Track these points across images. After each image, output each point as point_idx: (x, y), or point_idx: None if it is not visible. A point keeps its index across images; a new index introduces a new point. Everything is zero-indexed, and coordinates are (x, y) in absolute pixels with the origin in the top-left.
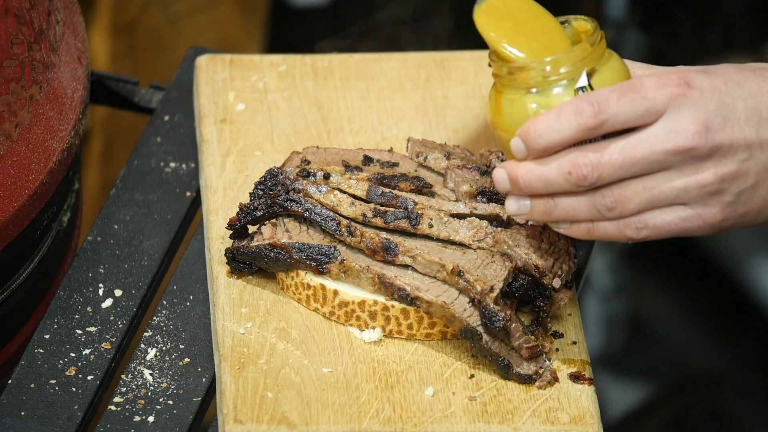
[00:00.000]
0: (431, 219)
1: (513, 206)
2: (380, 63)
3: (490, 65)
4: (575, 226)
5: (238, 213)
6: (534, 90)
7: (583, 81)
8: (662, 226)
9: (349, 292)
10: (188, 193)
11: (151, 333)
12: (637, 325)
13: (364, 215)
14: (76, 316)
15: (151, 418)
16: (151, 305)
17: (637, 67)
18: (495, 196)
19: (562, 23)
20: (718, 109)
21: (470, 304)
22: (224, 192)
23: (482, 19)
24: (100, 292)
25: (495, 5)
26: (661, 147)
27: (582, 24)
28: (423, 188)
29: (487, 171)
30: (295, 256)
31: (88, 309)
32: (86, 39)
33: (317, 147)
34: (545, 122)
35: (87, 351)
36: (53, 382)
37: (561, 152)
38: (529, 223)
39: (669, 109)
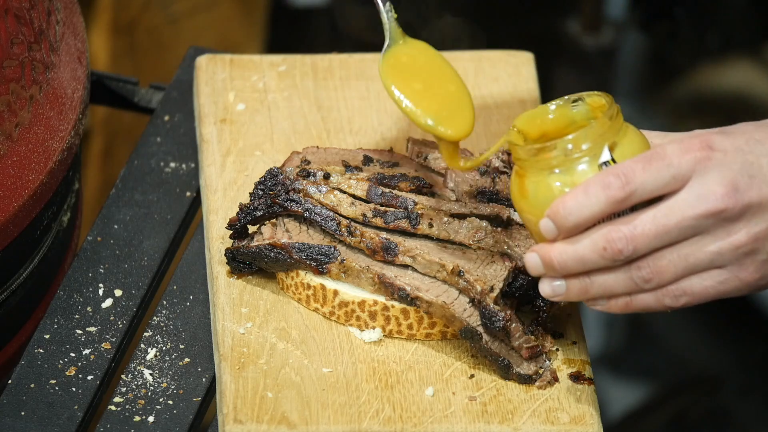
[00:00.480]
0: (431, 219)
1: (548, 289)
2: None
3: (507, 152)
4: (613, 301)
5: (238, 213)
6: (557, 170)
7: (606, 156)
8: (700, 291)
9: (349, 292)
10: (188, 193)
11: (151, 333)
12: (637, 325)
13: (364, 215)
14: (76, 316)
15: (151, 418)
16: (151, 305)
17: (653, 136)
18: (495, 196)
19: (574, 101)
20: (744, 169)
21: (470, 304)
22: (224, 192)
23: (391, 77)
24: (100, 292)
25: (401, 59)
26: (692, 212)
27: (596, 99)
28: (423, 188)
29: (487, 171)
30: (295, 256)
31: (88, 309)
32: (86, 39)
33: (317, 147)
34: (574, 199)
35: (87, 351)
36: (53, 382)
37: (592, 229)
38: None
39: (695, 173)
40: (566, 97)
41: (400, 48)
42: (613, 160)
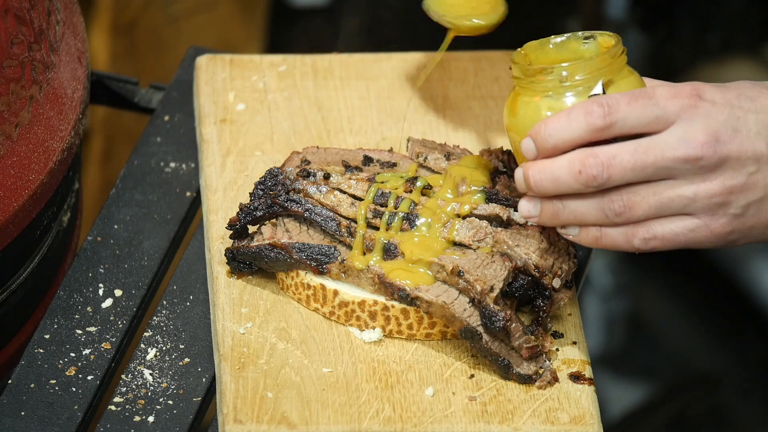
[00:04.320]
0: (431, 219)
1: (524, 207)
2: (380, 63)
3: (510, 68)
4: (584, 232)
5: (238, 213)
6: (549, 95)
7: (598, 89)
8: (670, 236)
9: (349, 292)
10: (188, 193)
11: (151, 333)
12: (637, 325)
13: (364, 215)
14: (76, 316)
15: (151, 418)
16: (151, 305)
17: (656, 85)
18: (495, 196)
19: (586, 38)
20: (729, 121)
21: (470, 304)
22: (224, 192)
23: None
24: (100, 292)
25: None
26: (671, 154)
27: (606, 39)
28: (423, 188)
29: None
30: (295, 256)
31: (88, 309)
32: (86, 39)
33: (317, 147)
34: (556, 122)
35: (87, 351)
36: (53, 382)
37: (572, 152)
38: (529, 222)
39: (680, 119)
40: (579, 33)
41: None
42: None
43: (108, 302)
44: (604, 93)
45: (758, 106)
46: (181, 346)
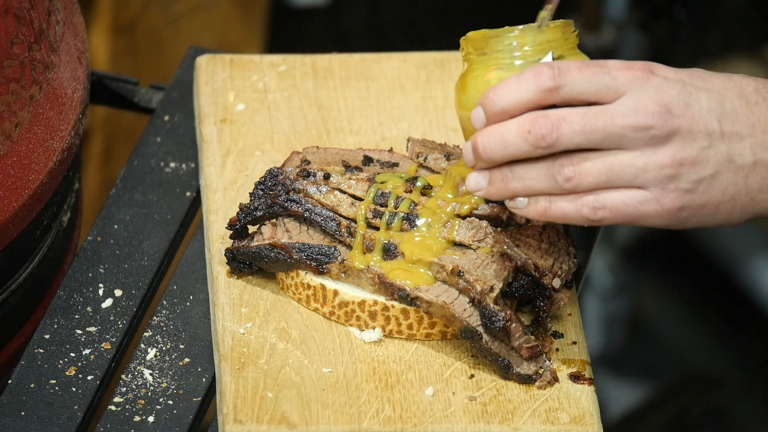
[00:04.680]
0: (431, 219)
1: (473, 180)
2: (380, 63)
3: (461, 48)
4: (533, 203)
5: (238, 213)
6: (501, 67)
7: (548, 58)
8: (620, 207)
9: (349, 292)
10: (188, 193)
11: (151, 333)
12: (637, 325)
13: (364, 216)
14: (76, 316)
15: (151, 418)
16: (151, 305)
17: (602, 61)
18: None
19: (540, 27)
20: (681, 96)
21: (470, 304)
22: (224, 192)
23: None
24: (100, 292)
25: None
26: (622, 121)
27: (561, 23)
28: (423, 188)
29: None
30: (295, 256)
31: (88, 309)
32: (86, 39)
33: (317, 147)
34: (505, 85)
35: (87, 351)
36: (53, 382)
37: (522, 115)
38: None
39: (630, 89)
40: (535, 23)
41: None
42: None
43: (108, 302)
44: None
45: (710, 85)
46: (181, 346)
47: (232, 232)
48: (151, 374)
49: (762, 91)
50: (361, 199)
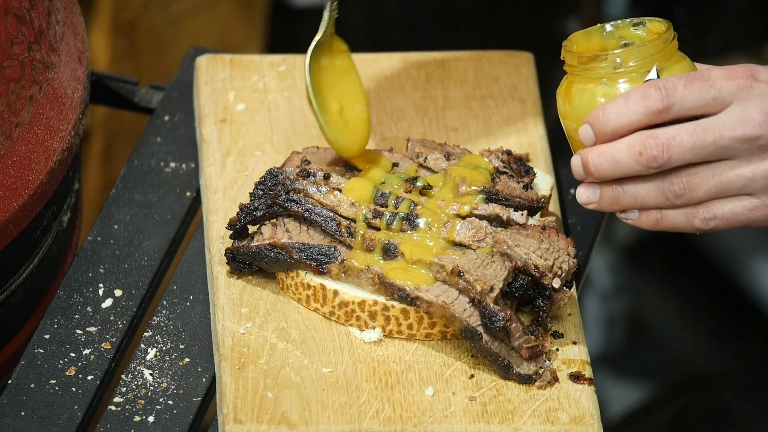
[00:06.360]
0: (431, 219)
1: (582, 195)
2: (380, 63)
3: (562, 59)
4: (644, 215)
5: (238, 213)
6: (603, 82)
7: (653, 74)
8: (730, 216)
9: (349, 292)
10: (188, 193)
11: (151, 333)
12: (637, 325)
13: (364, 216)
14: (76, 316)
15: (151, 418)
16: (151, 305)
17: (709, 67)
18: (495, 196)
19: (635, 24)
20: None
21: (470, 304)
22: (224, 192)
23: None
24: (100, 292)
25: (326, 64)
26: (730, 133)
27: (656, 25)
28: (423, 188)
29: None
30: (295, 256)
31: (88, 309)
32: (86, 39)
33: (317, 147)
34: (614, 107)
35: (87, 351)
36: (53, 382)
37: (631, 135)
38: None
39: (736, 99)
40: (627, 20)
41: (327, 49)
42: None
43: (108, 302)
44: (658, 78)
45: None
46: (181, 346)
47: (232, 232)
48: (151, 374)
49: None
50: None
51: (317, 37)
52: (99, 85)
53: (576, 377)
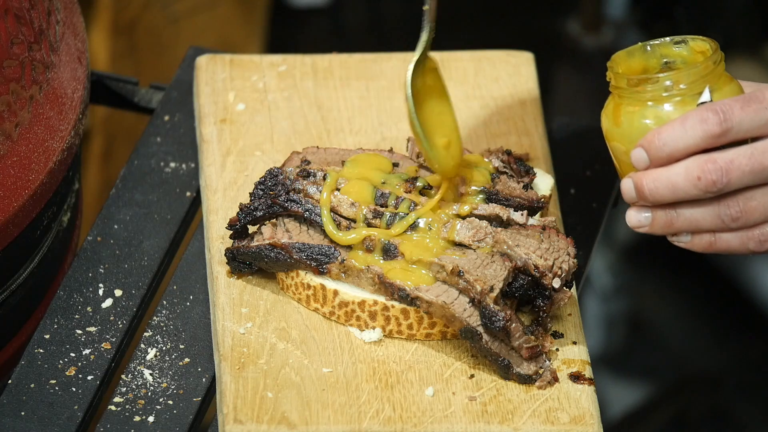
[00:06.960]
0: (431, 219)
1: (633, 218)
2: (380, 63)
3: (608, 80)
4: (697, 238)
5: (238, 213)
6: (651, 104)
7: (706, 96)
8: None
9: (349, 292)
10: (188, 193)
11: (151, 333)
12: (637, 325)
13: (364, 216)
14: (76, 316)
15: (151, 418)
16: (151, 305)
17: (747, 86)
18: (495, 196)
19: (677, 42)
20: None
21: (470, 304)
22: (224, 192)
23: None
24: (100, 292)
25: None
26: None
27: (699, 44)
28: (423, 188)
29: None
30: (295, 256)
31: (88, 309)
32: (86, 39)
33: (317, 147)
34: (670, 131)
35: (87, 351)
36: (53, 382)
37: (688, 159)
38: (530, 222)
39: None
40: (668, 38)
41: (421, 69)
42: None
43: (108, 302)
44: (711, 100)
45: None
46: (181, 346)
47: (232, 232)
48: (151, 374)
49: None
50: None
51: (415, 58)
52: (99, 85)
53: (576, 377)
